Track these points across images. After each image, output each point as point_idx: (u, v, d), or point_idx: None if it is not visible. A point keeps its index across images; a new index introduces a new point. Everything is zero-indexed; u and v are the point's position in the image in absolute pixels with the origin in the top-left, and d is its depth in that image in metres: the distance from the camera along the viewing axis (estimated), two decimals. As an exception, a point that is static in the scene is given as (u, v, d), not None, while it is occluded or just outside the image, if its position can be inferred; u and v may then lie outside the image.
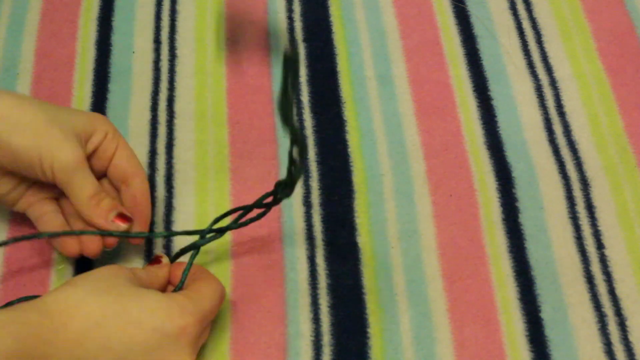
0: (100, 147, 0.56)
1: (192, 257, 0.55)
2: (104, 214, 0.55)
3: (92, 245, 0.55)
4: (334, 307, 0.57)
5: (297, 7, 0.74)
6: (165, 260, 0.56)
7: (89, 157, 0.56)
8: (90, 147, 0.56)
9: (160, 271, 0.55)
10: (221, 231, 0.55)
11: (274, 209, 0.61)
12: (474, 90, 0.68)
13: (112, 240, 0.56)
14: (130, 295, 0.50)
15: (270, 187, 0.62)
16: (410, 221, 0.61)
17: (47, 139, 0.52)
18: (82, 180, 0.54)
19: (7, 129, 0.52)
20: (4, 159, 0.53)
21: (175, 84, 0.69)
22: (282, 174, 0.63)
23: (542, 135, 0.65)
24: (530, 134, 0.66)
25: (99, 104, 0.67)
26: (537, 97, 0.68)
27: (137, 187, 0.57)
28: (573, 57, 0.70)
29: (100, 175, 0.58)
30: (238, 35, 0.42)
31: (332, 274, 0.59)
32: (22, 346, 0.45)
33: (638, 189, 0.62)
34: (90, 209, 0.54)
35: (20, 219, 0.61)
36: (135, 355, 0.48)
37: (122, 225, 0.55)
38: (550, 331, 0.56)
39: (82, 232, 0.55)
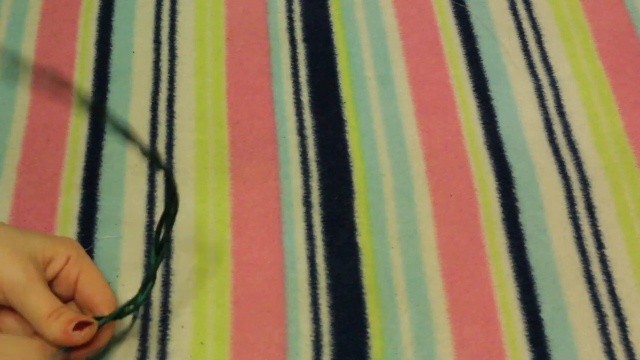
0: (62, 272, 0.54)
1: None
2: (63, 327, 0.50)
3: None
4: (334, 307, 0.57)
5: (297, 7, 0.74)
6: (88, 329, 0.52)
7: (51, 284, 0.53)
8: (51, 272, 0.53)
9: (55, 326, 0.51)
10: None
11: (274, 209, 0.62)
12: (474, 90, 0.68)
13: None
14: None
15: (270, 187, 0.63)
16: (410, 221, 0.61)
17: None
18: (36, 299, 0.50)
19: None
20: None
21: (175, 84, 0.69)
22: (283, 173, 0.63)
23: (542, 135, 0.65)
24: (530, 134, 0.66)
25: (99, 104, 0.67)
26: (537, 97, 0.68)
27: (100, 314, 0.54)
28: (573, 57, 0.70)
29: (68, 300, 0.55)
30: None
31: (332, 274, 0.59)
32: None
33: (638, 189, 0.62)
34: (49, 327, 0.50)
35: (20, 221, 0.61)
36: None
37: (79, 334, 0.51)
38: (550, 331, 0.56)
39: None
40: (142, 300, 0.54)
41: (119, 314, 0.53)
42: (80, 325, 0.51)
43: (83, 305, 0.54)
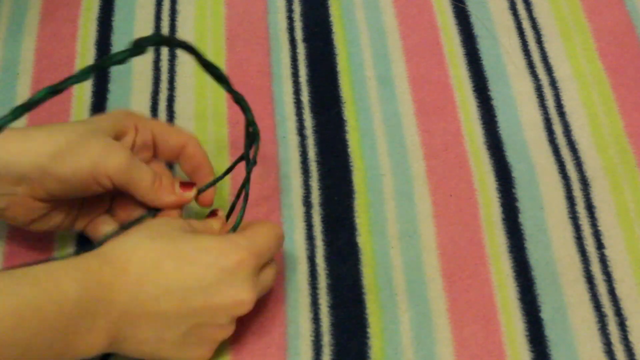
0: (137, 140, 0.56)
1: (245, 197, 0.57)
2: (169, 190, 0.55)
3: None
4: (334, 307, 0.57)
5: (297, 7, 0.74)
6: (221, 214, 0.57)
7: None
8: (128, 144, 0.56)
9: (216, 223, 0.56)
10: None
11: (274, 209, 0.62)
12: (474, 90, 0.68)
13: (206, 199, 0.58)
14: (184, 237, 0.51)
15: (269, 187, 0.63)
16: (410, 221, 0.61)
17: (89, 156, 0.52)
18: (137, 174, 0.54)
19: (48, 162, 0.52)
20: (57, 190, 0.53)
21: (175, 84, 0.69)
22: (283, 173, 0.63)
23: (542, 135, 0.65)
24: (530, 134, 0.66)
25: (99, 104, 0.67)
26: (537, 97, 0.68)
27: (191, 152, 0.58)
28: (573, 57, 0.70)
29: (148, 161, 0.58)
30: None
31: (332, 274, 0.59)
32: (86, 291, 0.46)
33: (638, 189, 0.62)
34: (156, 193, 0.55)
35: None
36: (194, 293, 0.49)
37: (190, 193, 0.56)
38: (550, 331, 0.56)
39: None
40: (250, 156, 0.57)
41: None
42: (185, 185, 0.56)
43: (169, 156, 0.58)
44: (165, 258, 0.49)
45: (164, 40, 0.49)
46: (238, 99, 0.56)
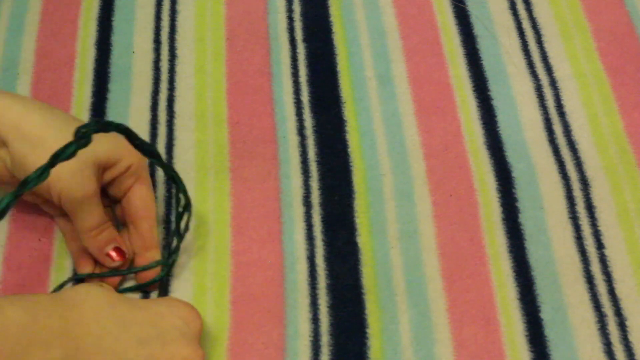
0: (119, 177, 0.56)
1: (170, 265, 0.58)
2: (100, 245, 0.56)
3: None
4: (333, 308, 0.57)
5: (297, 7, 0.74)
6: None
7: (106, 184, 0.56)
8: (109, 176, 0.56)
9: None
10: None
11: (274, 209, 0.62)
12: (474, 90, 0.68)
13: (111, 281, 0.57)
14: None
15: (270, 187, 0.62)
16: (410, 221, 0.61)
17: (59, 169, 0.50)
18: (86, 213, 0.54)
19: (26, 149, 0.52)
20: (19, 174, 0.53)
21: (175, 84, 0.69)
22: (283, 173, 0.63)
23: (542, 135, 0.65)
24: (530, 134, 0.65)
25: (99, 104, 0.67)
26: (537, 97, 0.68)
27: (144, 230, 0.57)
28: (573, 57, 0.70)
29: (116, 201, 0.58)
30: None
31: (331, 274, 0.59)
32: (34, 319, 0.45)
33: (638, 189, 0.62)
34: (89, 240, 0.55)
35: (20, 220, 0.61)
36: (151, 338, 0.49)
37: (114, 261, 0.56)
38: (550, 331, 0.56)
39: (117, 273, 0.57)
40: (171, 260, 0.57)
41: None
42: (117, 252, 0.56)
43: (126, 212, 0.57)
44: (118, 301, 0.49)
45: (101, 127, 0.48)
46: (169, 172, 0.55)
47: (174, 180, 0.55)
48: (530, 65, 0.70)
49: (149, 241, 0.57)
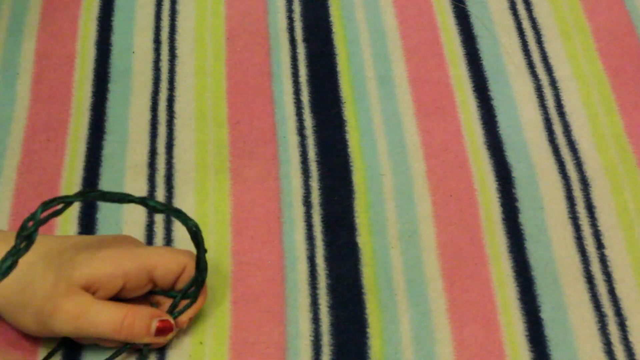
0: (178, 281, 0.54)
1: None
2: (144, 332, 0.52)
3: None
4: (334, 307, 0.57)
5: (297, 7, 0.74)
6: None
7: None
8: (169, 281, 0.53)
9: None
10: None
11: (274, 209, 0.62)
12: (474, 90, 0.68)
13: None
14: None
15: (270, 187, 0.62)
16: (410, 221, 0.61)
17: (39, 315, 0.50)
18: (101, 319, 0.51)
19: (13, 309, 0.51)
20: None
21: (175, 84, 0.69)
22: (283, 173, 0.63)
23: (542, 135, 0.65)
24: (530, 134, 0.65)
25: (99, 104, 0.67)
26: (537, 97, 0.68)
27: (188, 275, 0.54)
28: (573, 57, 0.70)
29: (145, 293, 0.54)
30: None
31: (332, 274, 0.59)
32: None
33: (638, 189, 0.62)
34: (127, 335, 0.52)
35: (20, 220, 0.61)
36: None
37: (167, 337, 0.53)
38: (550, 331, 0.56)
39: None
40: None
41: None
42: (162, 329, 0.52)
43: (169, 283, 0.54)
44: None
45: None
46: (196, 233, 0.52)
47: (198, 243, 0.53)
48: (530, 65, 0.70)
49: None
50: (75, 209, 0.61)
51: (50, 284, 0.50)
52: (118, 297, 0.52)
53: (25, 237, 0.47)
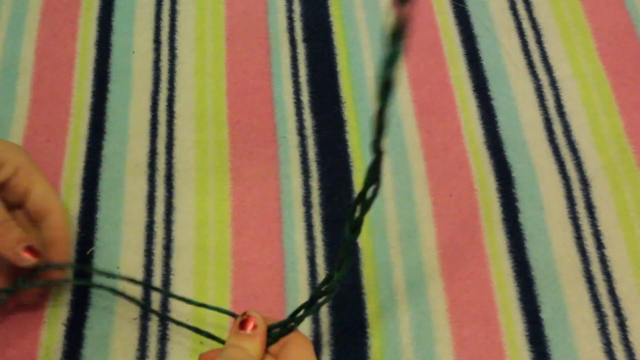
0: (11, 181, 0.54)
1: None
2: (10, 245, 0.52)
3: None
4: (334, 307, 0.57)
5: (297, 7, 0.74)
6: (260, 329, 0.47)
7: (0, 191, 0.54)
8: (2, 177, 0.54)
9: (251, 344, 0.47)
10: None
11: (274, 209, 0.62)
12: (474, 90, 0.68)
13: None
14: None
15: (270, 187, 0.62)
16: (410, 221, 0.61)
17: None
18: None
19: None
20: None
21: (175, 84, 0.69)
22: (283, 173, 0.63)
23: (542, 135, 0.65)
24: (530, 134, 0.66)
25: (99, 104, 0.67)
26: (537, 97, 0.68)
27: (54, 222, 0.55)
28: (573, 57, 0.70)
29: (15, 206, 0.56)
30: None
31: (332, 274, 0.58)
32: None
33: (638, 189, 0.62)
34: None
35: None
36: None
37: (30, 259, 0.52)
38: (550, 331, 0.56)
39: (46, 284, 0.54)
40: (339, 279, 0.46)
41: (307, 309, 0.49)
42: (30, 249, 0.52)
43: (34, 215, 0.55)
44: None
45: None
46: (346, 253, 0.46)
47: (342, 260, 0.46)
48: (530, 65, 0.70)
49: (58, 233, 0.55)
50: (75, 209, 0.61)
51: None
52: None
53: None
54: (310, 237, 0.60)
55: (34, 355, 0.55)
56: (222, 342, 0.53)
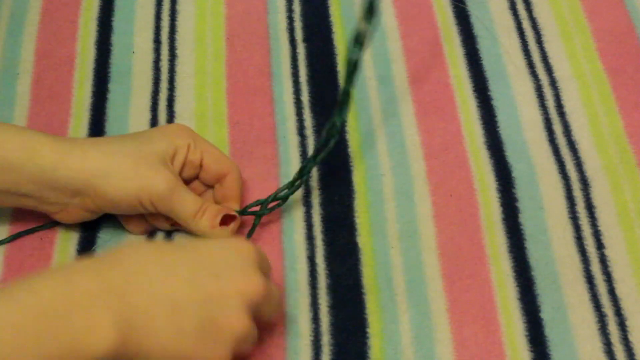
0: (187, 160, 0.58)
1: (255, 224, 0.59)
2: (211, 224, 0.57)
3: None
4: (334, 307, 0.57)
5: (297, 7, 0.74)
6: (232, 226, 0.58)
7: (180, 171, 0.58)
8: (178, 165, 0.58)
9: (222, 233, 0.58)
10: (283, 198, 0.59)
11: (274, 211, 0.62)
12: (474, 90, 0.68)
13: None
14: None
15: (269, 187, 0.62)
16: (410, 221, 0.61)
17: (137, 182, 0.55)
18: (181, 202, 0.56)
19: (100, 182, 0.55)
20: (106, 207, 0.57)
21: (175, 84, 0.69)
22: (282, 173, 0.63)
23: (542, 135, 0.65)
24: (530, 134, 0.65)
25: (99, 104, 0.67)
26: (537, 97, 0.68)
27: (229, 184, 0.60)
28: (573, 57, 0.70)
29: (192, 179, 0.60)
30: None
31: (332, 274, 0.59)
32: (67, 281, 0.44)
33: (638, 189, 0.62)
34: (198, 225, 0.57)
35: (21, 214, 0.61)
36: (203, 277, 0.48)
37: (227, 231, 0.58)
38: (550, 331, 0.56)
39: None
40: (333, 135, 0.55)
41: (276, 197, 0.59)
42: (225, 219, 0.58)
43: (209, 180, 0.60)
44: (165, 248, 0.50)
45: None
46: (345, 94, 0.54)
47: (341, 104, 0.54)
48: (530, 65, 0.70)
49: (230, 192, 0.60)
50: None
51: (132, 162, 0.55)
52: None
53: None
54: (310, 237, 0.60)
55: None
56: None
